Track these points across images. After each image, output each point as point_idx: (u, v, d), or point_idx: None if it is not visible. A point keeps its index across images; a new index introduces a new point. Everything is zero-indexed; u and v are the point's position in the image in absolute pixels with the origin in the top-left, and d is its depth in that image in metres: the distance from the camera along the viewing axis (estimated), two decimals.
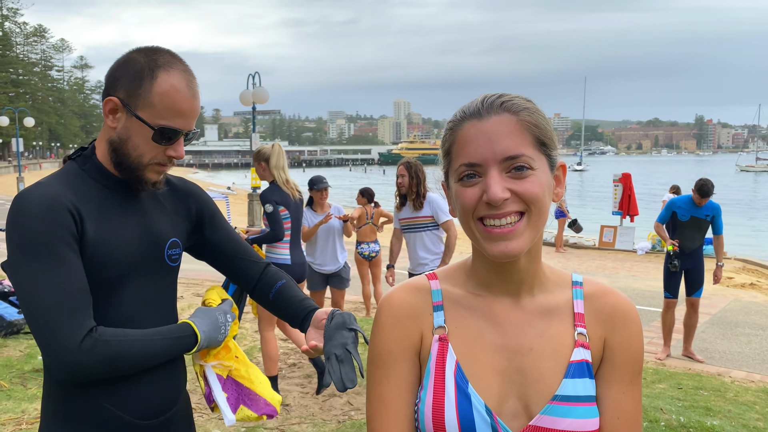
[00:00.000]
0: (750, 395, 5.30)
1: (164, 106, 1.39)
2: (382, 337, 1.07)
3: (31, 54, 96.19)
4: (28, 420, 4.17)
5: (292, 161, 46.74)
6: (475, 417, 0.99)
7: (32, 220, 1.30)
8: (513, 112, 0.99)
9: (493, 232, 0.98)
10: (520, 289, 1.06)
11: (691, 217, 6.45)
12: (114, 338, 1.33)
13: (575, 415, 0.99)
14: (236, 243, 1.71)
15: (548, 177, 1.01)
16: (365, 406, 1.18)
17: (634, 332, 1.06)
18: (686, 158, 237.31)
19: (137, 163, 1.42)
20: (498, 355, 1.03)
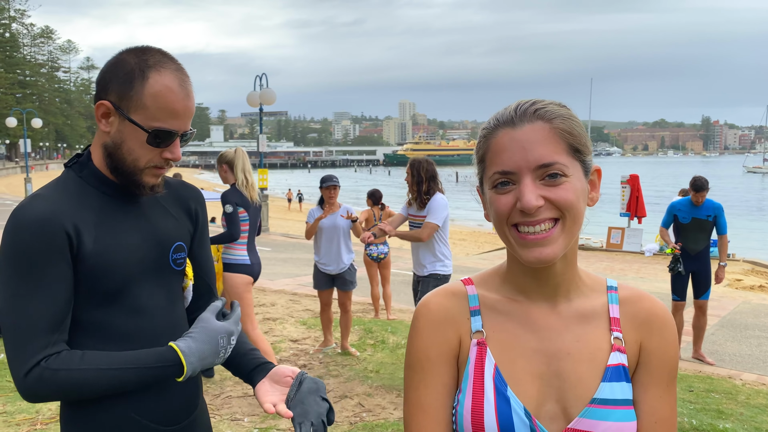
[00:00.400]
0: (762, 398, 5.29)
1: (157, 108, 1.35)
2: (420, 342, 1.08)
3: (38, 55, 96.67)
4: (43, 420, 4.20)
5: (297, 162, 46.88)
6: (514, 419, 1.00)
7: (23, 236, 1.29)
8: (546, 119, 1.00)
9: (527, 238, 0.99)
10: (557, 293, 1.07)
11: (693, 219, 6.40)
12: (65, 367, 1.29)
13: (613, 418, 1.00)
14: (208, 263, 1.67)
15: (582, 183, 1.02)
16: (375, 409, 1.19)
17: (669, 337, 1.07)
18: (693, 159, 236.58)
19: (133, 168, 1.39)
20: (536, 359, 1.04)
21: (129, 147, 1.37)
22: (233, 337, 1.44)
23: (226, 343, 1.42)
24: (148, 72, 1.35)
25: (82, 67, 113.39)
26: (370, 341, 6.67)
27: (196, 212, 1.62)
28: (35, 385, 1.28)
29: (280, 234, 19.03)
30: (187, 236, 1.58)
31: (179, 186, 1.61)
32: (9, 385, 4.82)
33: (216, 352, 1.40)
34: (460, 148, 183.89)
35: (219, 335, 1.42)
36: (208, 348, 1.39)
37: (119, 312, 1.40)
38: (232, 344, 1.44)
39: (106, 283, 1.37)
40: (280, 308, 8.24)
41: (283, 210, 34.64)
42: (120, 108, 1.36)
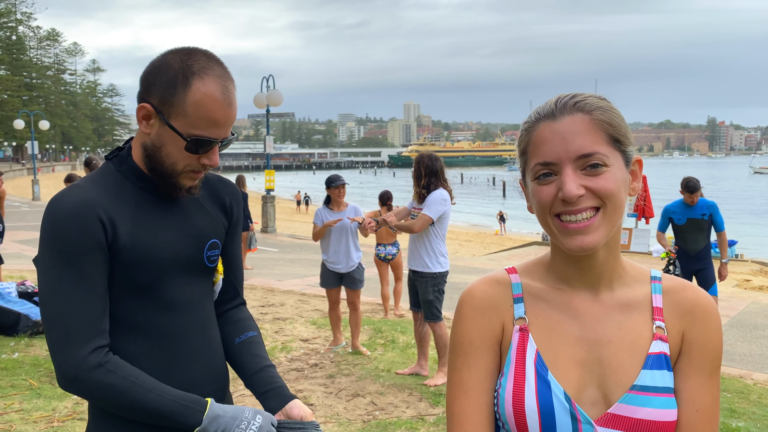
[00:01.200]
0: None
1: (198, 116, 1.34)
2: (464, 327, 1.11)
3: (44, 58, 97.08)
4: (59, 418, 4.23)
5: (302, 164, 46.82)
6: (554, 403, 1.02)
7: (60, 226, 1.31)
8: (586, 111, 1.02)
9: (569, 227, 1.01)
10: (599, 282, 1.09)
11: (688, 220, 6.37)
12: (120, 372, 1.31)
13: (653, 404, 1.01)
14: (235, 260, 1.66)
15: (623, 172, 1.04)
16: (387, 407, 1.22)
17: (713, 327, 1.07)
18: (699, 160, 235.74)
19: (171, 171, 1.40)
20: (577, 346, 1.06)
21: (168, 151, 1.38)
22: (259, 417, 1.39)
23: (251, 417, 1.38)
24: (191, 79, 1.34)
25: (88, 69, 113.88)
26: (380, 341, 6.69)
27: (231, 207, 1.62)
28: (90, 372, 1.28)
29: (287, 235, 19.07)
30: (222, 233, 1.58)
31: (216, 181, 1.62)
32: (25, 383, 4.87)
33: (235, 418, 1.37)
34: (465, 149, 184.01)
35: (246, 409, 1.41)
36: (231, 413, 1.38)
37: (151, 306, 1.41)
38: (258, 422, 1.37)
39: (140, 277, 1.38)
40: (290, 308, 8.27)
41: (290, 212, 34.70)
42: (161, 112, 1.36)
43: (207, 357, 1.51)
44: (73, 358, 1.28)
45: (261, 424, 1.38)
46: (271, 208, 18.94)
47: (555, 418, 1.02)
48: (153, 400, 1.32)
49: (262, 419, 1.39)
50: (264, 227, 18.63)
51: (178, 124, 1.35)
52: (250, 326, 1.65)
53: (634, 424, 1.01)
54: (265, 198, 18.94)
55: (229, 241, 1.63)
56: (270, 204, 18.85)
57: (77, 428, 4.08)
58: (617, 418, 1.02)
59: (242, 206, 1.70)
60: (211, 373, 1.51)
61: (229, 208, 1.61)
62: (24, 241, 14.59)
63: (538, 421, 1.03)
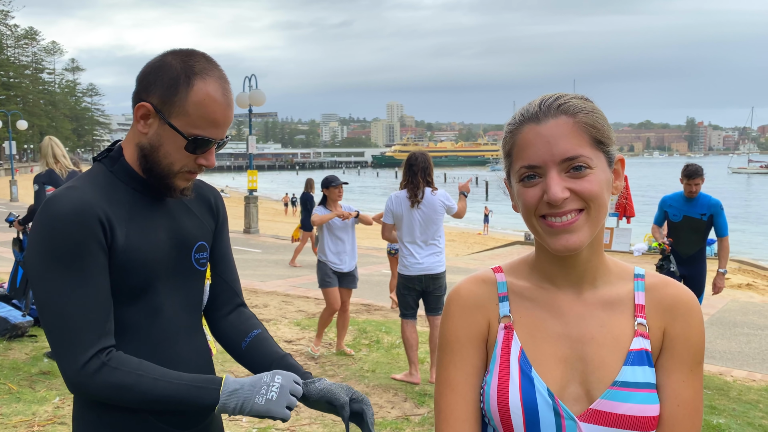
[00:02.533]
0: (753, 394, 5.36)
1: (199, 116, 1.35)
2: (451, 325, 1.13)
3: (22, 57, 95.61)
4: (39, 422, 4.16)
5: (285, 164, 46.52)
6: (538, 399, 1.04)
7: (58, 227, 1.27)
8: (570, 114, 1.03)
9: (554, 225, 1.02)
10: (583, 281, 1.10)
11: (684, 217, 5.60)
12: (124, 367, 1.29)
13: (634, 400, 1.03)
14: (227, 261, 1.64)
15: (607, 173, 1.05)
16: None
17: (694, 323, 1.09)
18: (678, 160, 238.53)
19: (168, 171, 1.40)
20: (560, 343, 1.08)
21: (166, 151, 1.37)
22: (278, 377, 1.36)
23: (269, 380, 1.36)
24: (193, 79, 1.34)
25: (67, 68, 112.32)
26: (365, 341, 6.68)
27: (217, 207, 1.62)
28: (93, 376, 1.27)
29: (270, 236, 18.97)
30: (210, 235, 1.57)
31: (199, 184, 1.61)
32: (4, 387, 4.79)
33: (253, 387, 1.34)
34: (448, 149, 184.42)
35: (263, 375, 1.38)
36: (249, 382, 1.36)
37: (140, 310, 1.40)
38: (277, 382, 1.35)
39: (133, 279, 1.37)
40: (273, 309, 8.23)
41: (273, 212, 34.50)
42: (161, 112, 1.35)
43: (194, 361, 1.50)
44: (76, 364, 1.26)
45: (281, 383, 1.35)
46: (254, 208, 18.83)
47: (538, 413, 1.04)
48: (164, 389, 1.30)
49: (281, 378, 1.36)
50: (246, 228, 18.53)
51: (179, 124, 1.35)
52: (253, 325, 1.61)
53: (615, 419, 1.03)
54: (247, 198, 18.82)
55: (218, 242, 1.62)
56: (253, 204, 18.74)
57: None
58: (599, 414, 1.03)
59: (225, 207, 1.68)
60: None
61: (215, 209, 1.61)
62: (2, 243, 14.36)
63: (522, 416, 1.04)
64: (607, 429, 1.03)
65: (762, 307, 9.33)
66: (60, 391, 4.77)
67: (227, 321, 1.62)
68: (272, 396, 1.33)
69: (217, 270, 1.63)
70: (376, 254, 14.43)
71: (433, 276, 5.16)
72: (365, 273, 11.52)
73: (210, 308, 1.63)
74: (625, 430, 1.03)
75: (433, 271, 5.15)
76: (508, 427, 1.06)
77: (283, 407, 1.34)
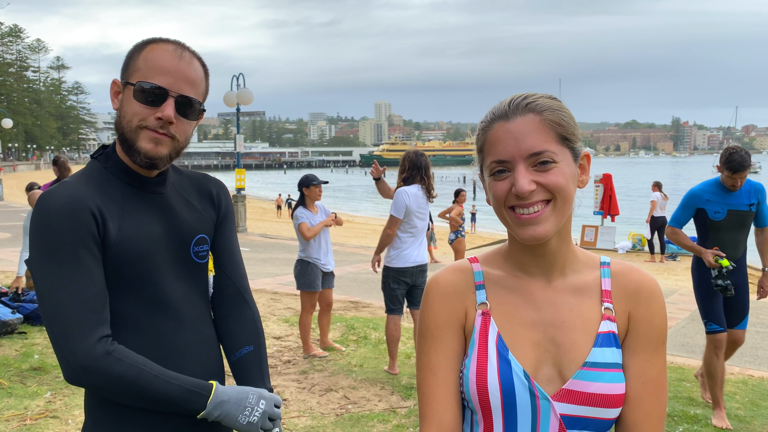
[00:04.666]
0: (730, 386, 5.51)
1: (148, 67, 1.39)
2: (431, 312, 1.21)
3: (6, 55, 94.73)
4: (32, 416, 4.22)
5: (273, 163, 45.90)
6: (514, 380, 1.11)
7: (53, 221, 1.30)
8: (537, 112, 1.10)
9: (522, 217, 1.10)
10: (552, 269, 1.18)
11: (729, 213, 4.23)
12: (128, 359, 1.31)
13: (603, 379, 1.10)
14: (231, 254, 1.63)
15: (572, 168, 1.13)
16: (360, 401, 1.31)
17: (656, 307, 1.16)
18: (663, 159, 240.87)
19: (129, 131, 1.40)
20: (534, 328, 1.16)
21: (125, 111, 1.41)
22: (263, 402, 1.43)
23: (254, 402, 1.42)
24: (148, 44, 1.44)
25: (52, 66, 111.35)
26: (352, 337, 6.77)
27: (219, 198, 1.62)
28: (97, 363, 1.27)
29: (258, 234, 19.00)
30: (210, 228, 1.58)
31: (201, 177, 1.64)
32: None
33: (239, 404, 1.40)
34: (436, 148, 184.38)
35: (250, 392, 1.43)
36: (235, 397, 1.40)
37: (139, 303, 1.41)
38: (261, 408, 1.42)
39: (127, 272, 1.38)
40: (262, 307, 8.29)
41: (261, 211, 34.43)
42: (123, 79, 1.43)
43: (200, 353, 1.51)
44: (81, 349, 1.27)
45: (264, 409, 1.43)
46: (242, 207, 18.85)
47: (515, 394, 1.11)
48: (161, 386, 1.32)
49: (265, 404, 1.43)
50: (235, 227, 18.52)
51: (132, 79, 1.41)
52: (245, 339, 1.60)
53: (586, 397, 1.10)
54: (235, 197, 18.82)
55: (220, 235, 1.61)
56: (241, 203, 18.76)
57: (50, 426, 4.08)
58: (571, 393, 1.11)
59: (230, 199, 1.64)
60: (205, 369, 1.50)
61: (217, 200, 1.62)
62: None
63: (500, 397, 1.11)
64: (578, 407, 1.10)
65: None
66: (51, 386, 4.83)
67: (227, 324, 1.61)
68: (254, 419, 1.41)
69: (220, 264, 1.62)
70: (364, 252, 14.52)
71: (422, 268, 5.39)
72: (353, 271, 11.60)
73: (214, 302, 1.63)
74: (594, 407, 1.10)
75: (424, 261, 5.42)
76: (486, 408, 1.12)
77: (259, 430, 1.43)
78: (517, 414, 1.12)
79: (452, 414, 1.15)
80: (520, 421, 1.12)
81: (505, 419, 1.12)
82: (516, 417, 1.12)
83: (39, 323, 6.59)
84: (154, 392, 1.32)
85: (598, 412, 1.10)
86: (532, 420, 1.11)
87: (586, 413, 1.10)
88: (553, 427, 1.11)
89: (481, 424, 1.15)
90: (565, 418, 1.11)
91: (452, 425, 1.15)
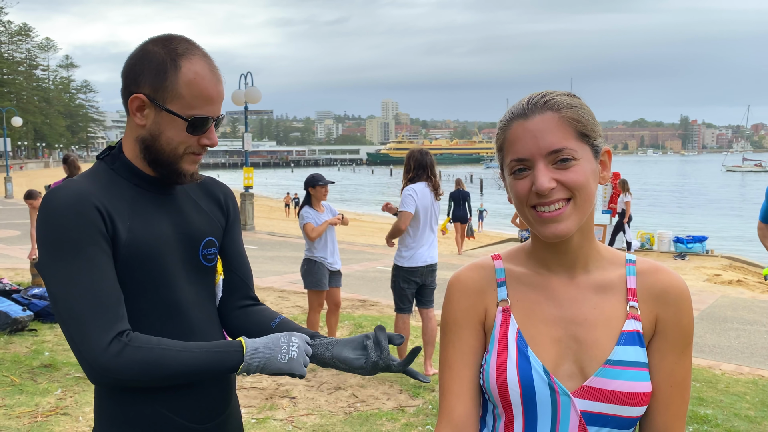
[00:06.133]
0: (740, 386, 5.48)
1: (193, 96, 1.35)
2: (451, 309, 1.22)
3: (15, 53, 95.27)
4: (43, 413, 4.25)
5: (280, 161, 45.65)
6: (534, 376, 1.12)
7: (60, 218, 1.28)
8: (555, 109, 1.10)
9: (543, 215, 1.10)
10: (575, 266, 1.18)
11: None
12: (146, 345, 1.28)
13: (625, 377, 1.10)
14: (241, 257, 1.63)
15: (592, 164, 1.12)
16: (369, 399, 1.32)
17: (684, 308, 1.16)
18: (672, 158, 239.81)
19: (173, 156, 1.39)
20: (555, 325, 1.16)
21: (167, 137, 1.38)
22: (295, 338, 1.40)
23: (287, 340, 1.39)
24: (179, 60, 1.35)
25: (61, 65, 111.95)
26: None
27: (227, 204, 1.61)
28: (116, 359, 1.25)
29: (265, 233, 19.04)
30: (219, 231, 1.57)
31: (210, 182, 1.63)
32: (6, 380, 4.87)
33: (273, 346, 1.37)
34: (443, 147, 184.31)
35: (279, 335, 1.41)
36: (267, 342, 1.38)
37: (152, 306, 1.39)
38: (295, 343, 1.39)
39: (140, 274, 1.36)
40: (270, 305, 8.32)
41: (268, 209, 34.49)
42: (155, 99, 1.36)
43: None
44: (98, 348, 1.25)
45: (299, 344, 1.40)
46: (250, 205, 18.88)
47: (535, 389, 1.11)
48: (187, 359, 1.30)
49: (297, 339, 1.41)
50: (242, 225, 18.56)
51: (175, 107, 1.36)
52: (273, 315, 1.60)
53: (607, 395, 1.09)
54: (243, 195, 18.87)
55: (230, 239, 1.61)
56: (249, 201, 18.79)
57: (61, 422, 4.11)
58: (592, 390, 1.11)
59: (237, 205, 1.64)
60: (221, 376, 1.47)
61: (225, 205, 1.61)
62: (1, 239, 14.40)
63: (520, 392, 1.12)
64: (599, 404, 1.10)
65: (752, 303, 9.47)
66: (62, 383, 4.86)
67: (249, 316, 1.60)
68: (293, 355, 1.37)
69: (231, 266, 1.62)
70: (371, 251, 14.53)
71: (432, 267, 5.37)
72: (360, 269, 11.62)
73: (224, 304, 1.62)
74: (615, 405, 1.09)
75: (434, 261, 5.41)
76: (506, 403, 1.14)
77: (302, 365, 1.39)
78: (537, 409, 1.12)
79: (464, 407, 1.17)
80: (540, 417, 1.12)
81: (526, 414, 1.13)
82: (536, 412, 1.13)
83: (49, 320, 6.63)
84: (183, 366, 1.30)
85: (620, 410, 1.10)
86: (552, 415, 1.12)
87: (606, 410, 1.10)
88: (573, 424, 1.11)
89: (502, 418, 1.17)
90: (586, 415, 1.11)
91: (462, 418, 1.17)
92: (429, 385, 5.14)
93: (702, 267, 13.57)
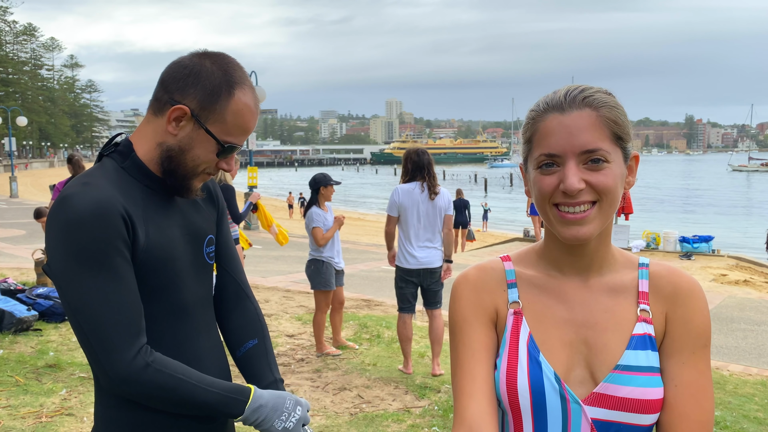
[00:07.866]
0: (749, 387, 5.44)
1: (235, 124, 1.37)
2: (459, 307, 1.17)
3: (20, 53, 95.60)
4: (47, 413, 4.24)
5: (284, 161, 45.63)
6: (545, 383, 1.08)
7: (84, 227, 1.23)
8: (594, 107, 1.06)
9: (567, 216, 1.06)
10: (590, 269, 1.14)
11: None
12: (167, 369, 1.29)
13: (636, 383, 1.06)
14: (229, 251, 1.62)
15: (622, 168, 1.08)
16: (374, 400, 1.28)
17: (695, 307, 1.11)
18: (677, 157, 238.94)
19: (191, 173, 1.40)
20: (566, 328, 1.12)
21: (195, 154, 1.38)
22: (299, 408, 1.43)
23: (291, 408, 1.42)
24: (234, 89, 1.36)
25: (66, 65, 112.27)
26: (365, 336, 6.75)
27: (217, 195, 1.61)
28: (137, 377, 1.26)
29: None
30: (214, 227, 1.57)
31: None
32: (11, 380, 4.86)
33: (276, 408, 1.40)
34: (447, 146, 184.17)
35: (287, 398, 1.43)
36: (272, 402, 1.40)
37: (164, 310, 1.39)
38: (297, 413, 1.42)
39: (155, 279, 1.35)
40: (274, 305, 8.30)
41: (273, 209, 34.49)
42: (198, 117, 1.35)
43: (214, 358, 1.51)
44: (123, 361, 1.25)
45: (300, 416, 1.42)
46: None
47: (545, 397, 1.08)
48: (201, 395, 1.32)
49: (301, 410, 1.43)
50: (247, 224, 18.57)
51: (215, 130, 1.36)
52: (249, 333, 1.60)
53: (618, 402, 1.06)
54: (247, 195, 18.85)
55: (219, 231, 1.60)
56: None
57: (65, 423, 4.10)
58: (602, 397, 1.07)
59: (221, 194, 1.64)
60: (218, 374, 1.49)
61: (216, 197, 1.61)
62: (3, 238, 14.43)
63: (530, 400, 1.08)
64: (610, 412, 1.06)
65: (759, 303, 9.41)
66: (66, 383, 4.85)
67: (230, 321, 1.61)
68: (290, 425, 1.40)
69: (221, 261, 1.61)
70: (375, 250, 14.50)
71: (430, 270, 5.29)
72: (365, 269, 11.60)
73: (215, 301, 1.61)
74: (627, 412, 1.05)
75: (432, 265, 5.29)
76: (516, 410, 1.10)
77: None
78: (547, 417, 1.09)
79: (478, 406, 1.09)
80: (551, 425, 1.09)
81: (535, 422, 1.10)
82: (546, 420, 1.09)
83: (54, 320, 6.62)
84: (194, 400, 1.31)
85: (631, 418, 1.06)
86: (563, 424, 1.08)
87: (618, 418, 1.07)
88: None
89: (511, 426, 1.13)
90: (597, 423, 1.07)
91: (475, 417, 1.08)
92: (435, 386, 5.11)
93: (708, 267, 13.50)
